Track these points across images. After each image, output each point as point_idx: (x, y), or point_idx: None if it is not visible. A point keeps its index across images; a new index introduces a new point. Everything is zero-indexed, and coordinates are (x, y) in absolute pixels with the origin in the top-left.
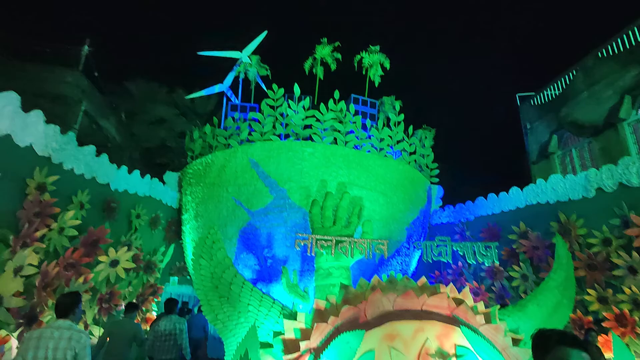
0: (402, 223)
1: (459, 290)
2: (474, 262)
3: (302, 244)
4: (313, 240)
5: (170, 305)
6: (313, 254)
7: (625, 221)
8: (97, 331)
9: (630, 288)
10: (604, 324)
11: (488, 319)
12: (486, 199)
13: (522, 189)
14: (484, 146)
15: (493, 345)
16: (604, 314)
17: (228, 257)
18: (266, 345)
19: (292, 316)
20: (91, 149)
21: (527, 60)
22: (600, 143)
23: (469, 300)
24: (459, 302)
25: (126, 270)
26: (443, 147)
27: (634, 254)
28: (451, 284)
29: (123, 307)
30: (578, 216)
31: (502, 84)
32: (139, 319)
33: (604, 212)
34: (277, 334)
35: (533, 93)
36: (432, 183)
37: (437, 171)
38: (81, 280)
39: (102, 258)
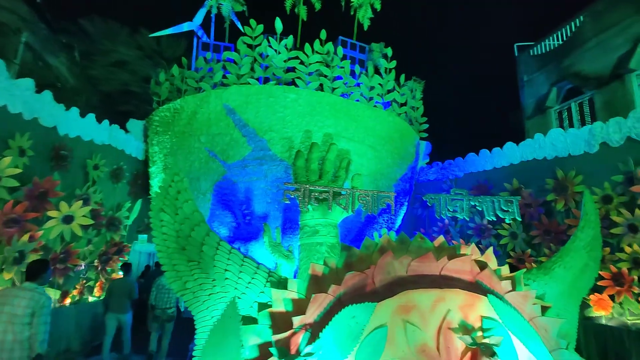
0: (390, 179)
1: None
2: (494, 219)
3: (292, 195)
4: (305, 191)
5: None
6: (306, 209)
7: (629, 178)
8: (53, 293)
9: (630, 246)
10: (599, 283)
11: (514, 285)
12: (477, 154)
13: (517, 145)
14: (475, 100)
15: (521, 315)
16: (600, 272)
17: (198, 211)
18: (249, 321)
19: (282, 284)
20: (28, 82)
21: (527, 6)
22: (603, 96)
23: (493, 262)
24: (482, 265)
25: (84, 227)
26: (433, 100)
27: (637, 211)
28: (473, 243)
29: (83, 267)
30: (577, 172)
31: (499, 32)
32: (103, 280)
33: (606, 169)
34: (262, 306)
35: (532, 43)
36: (420, 139)
37: (426, 126)
38: (26, 238)
39: (52, 213)
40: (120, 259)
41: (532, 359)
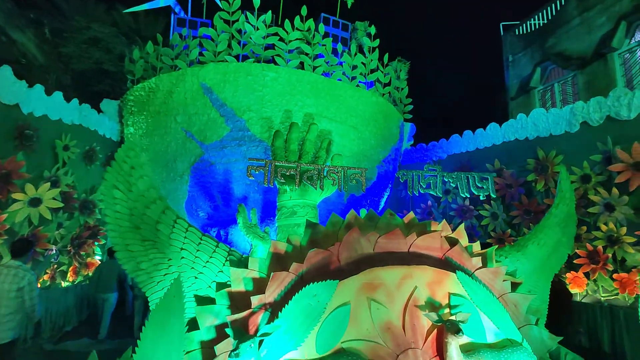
0: (373, 161)
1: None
2: (468, 195)
3: (257, 171)
4: (271, 166)
5: None
6: (271, 185)
7: (607, 157)
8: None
9: (606, 225)
10: (575, 261)
11: (485, 262)
12: (461, 136)
13: (500, 126)
14: (461, 82)
15: (490, 291)
16: (577, 251)
17: (154, 187)
18: (206, 301)
19: (242, 263)
20: None
21: None
22: (586, 76)
23: (464, 239)
24: (452, 242)
25: (53, 210)
26: (418, 81)
27: (614, 190)
28: (444, 220)
29: (55, 251)
30: (558, 152)
31: (486, 11)
32: (77, 265)
33: (586, 148)
34: (221, 286)
35: (518, 22)
36: (405, 120)
37: (410, 107)
38: None
39: (17, 196)
40: (96, 243)
41: (500, 336)
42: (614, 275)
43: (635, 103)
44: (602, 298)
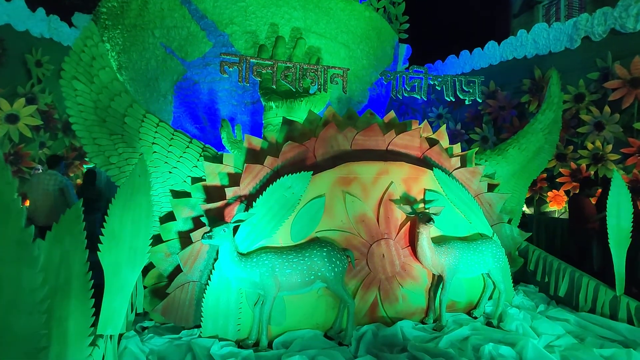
0: (364, 82)
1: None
2: (452, 99)
3: (231, 68)
4: (246, 63)
5: None
6: (247, 83)
7: (605, 74)
8: None
9: (593, 143)
10: (557, 180)
11: (464, 162)
12: (458, 57)
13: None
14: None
15: (467, 190)
16: (561, 170)
17: (118, 80)
18: (181, 195)
19: (217, 159)
20: None
21: None
22: None
23: (445, 141)
24: (432, 142)
25: (34, 128)
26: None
27: (606, 108)
28: (426, 121)
29: (40, 170)
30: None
31: None
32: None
33: (584, 65)
34: (196, 180)
35: None
36: (400, 40)
37: (407, 25)
38: None
39: None
40: (84, 165)
41: (471, 231)
42: None
43: None
44: None
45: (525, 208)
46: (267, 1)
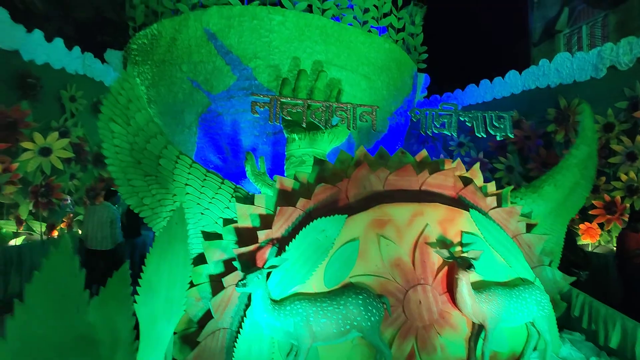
0: (384, 112)
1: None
2: (484, 135)
3: (262, 108)
4: (277, 102)
5: None
6: (277, 123)
7: (634, 103)
8: (38, 226)
9: (627, 174)
10: (590, 212)
11: (499, 202)
12: (478, 86)
13: (520, 73)
14: (480, 27)
15: (504, 231)
16: (593, 202)
17: (154, 122)
18: (213, 237)
19: (249, 200)
20: None
21: None
22: (618, 15)
23: (479, 179)
24: (466, 181)
25: (66, 161)
26: (434, 28)
27: (638, 137)
28: (459, 159)
29: (70, 201)
30: (581, 100)
31: None
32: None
33: (611, 95)
34: (228, 222)
35: None
36: (418, 70)
37: (425, 55)
38: None
39: (27, 145)
40: None
41: (512, 275)
42: None
43: None
44: (615, 248)
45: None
46: (290, 36)
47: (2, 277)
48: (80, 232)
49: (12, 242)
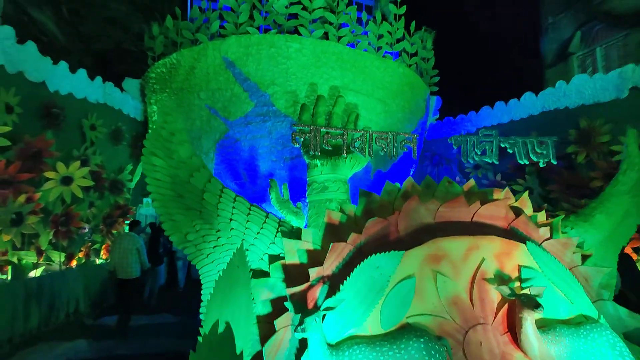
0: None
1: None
2: (526, 162)
3: (302, 137)
4: (317, 132)
5: None
6: (318, 152)
7: None
8: (57, 256)
9: None
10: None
11: (552, 232)
12: (492, 108)
13: (536, 95)
14: (490, 50)
15: (562, 264)
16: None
17: (197, 155)
18: (260, 274)
19: (295, 234)
20: (8, 30)
21: None
22: (639, 36)
23: (529, 208)
24: (517, 211)
25: (84, 189)
26: (443, 52)
27: None
28: (507, 188)
29: (87, 230)
30: (606, 121)
31: None
32: (110, 242)
33: (636, 115)
34: (274, 258)
35: None
36: (430, 93)
37: (437, 78)
38: (22, 199)
39: (49, 174)
40: (126, 222)
41: (574, 312)
42: None
43: None
44: None
45: None
46: (307, 62)
47: (23, 309)
48: (98, 260)
49: (32, 274)
